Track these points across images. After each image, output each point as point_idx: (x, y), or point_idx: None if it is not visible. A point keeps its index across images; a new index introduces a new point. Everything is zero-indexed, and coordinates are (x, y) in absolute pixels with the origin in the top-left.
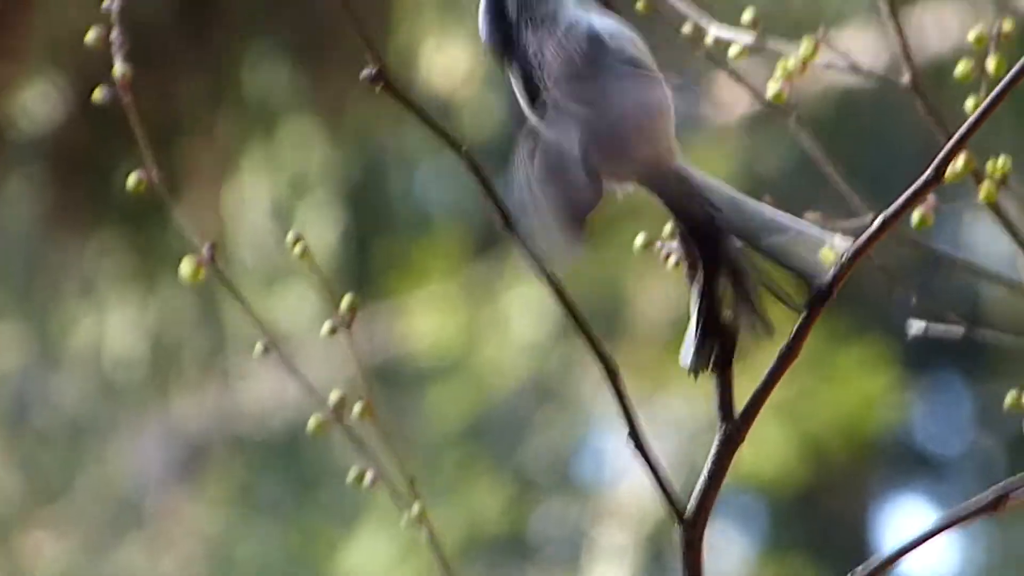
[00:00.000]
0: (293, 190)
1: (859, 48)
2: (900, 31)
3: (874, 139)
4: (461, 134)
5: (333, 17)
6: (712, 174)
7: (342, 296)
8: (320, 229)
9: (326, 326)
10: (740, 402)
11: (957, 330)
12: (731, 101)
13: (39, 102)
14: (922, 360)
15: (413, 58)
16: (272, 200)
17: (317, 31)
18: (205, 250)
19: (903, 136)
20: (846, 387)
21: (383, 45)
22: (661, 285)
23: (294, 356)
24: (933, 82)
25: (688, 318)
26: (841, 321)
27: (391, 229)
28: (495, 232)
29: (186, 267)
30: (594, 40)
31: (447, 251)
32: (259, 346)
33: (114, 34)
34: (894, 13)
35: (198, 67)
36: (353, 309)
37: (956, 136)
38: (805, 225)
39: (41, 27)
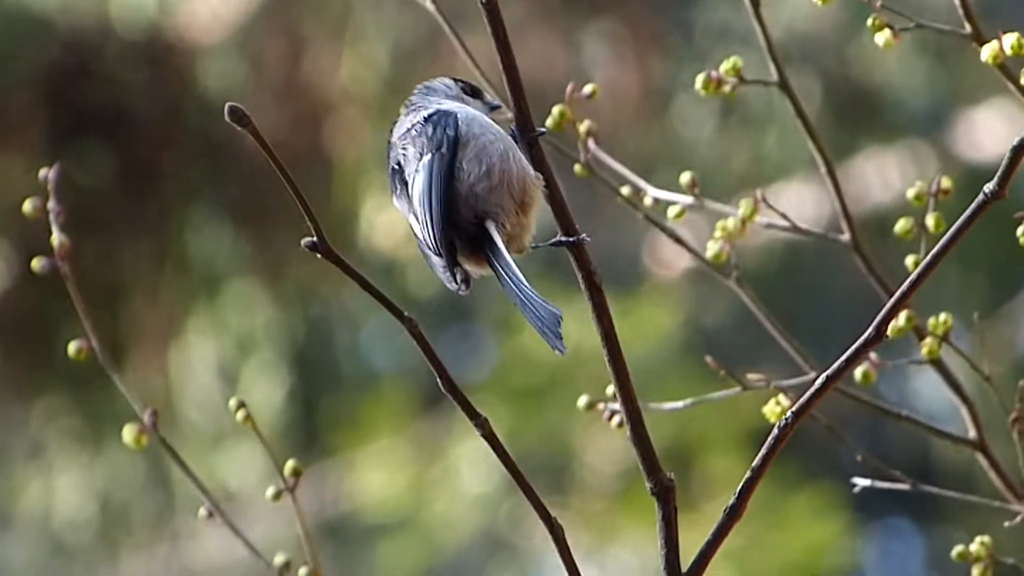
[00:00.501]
0: (238, 350)
1: (802, 200)
2: (839, 191)
3: (816, 288)
4: (404, 292)
5: (274, 180)
6: (657, 327)
7: (288, 457)
8: (266, 388)
9: (270, 491)
10: (687, 556)
11: (903, 486)
12: (673, 256)
13: None
14: (872, 506)
15: (354, 218)
16: (218, 360)
17: (258, 194)
18: (147, 417)
19: (845, 285)
20: (796, 534)
21: (325, 206)
22: (608, 438)
23: (243, 513)
24: (875, 232)
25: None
26: (789, 468)
27: (337, 387)
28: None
29: (128, 434)
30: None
31: (394, 407)
32: (202, 511)
33: (51, 204)
34: (831, 174)
35: (142, 231)
36: (297, 474)
37: (896, 295)
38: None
39: None
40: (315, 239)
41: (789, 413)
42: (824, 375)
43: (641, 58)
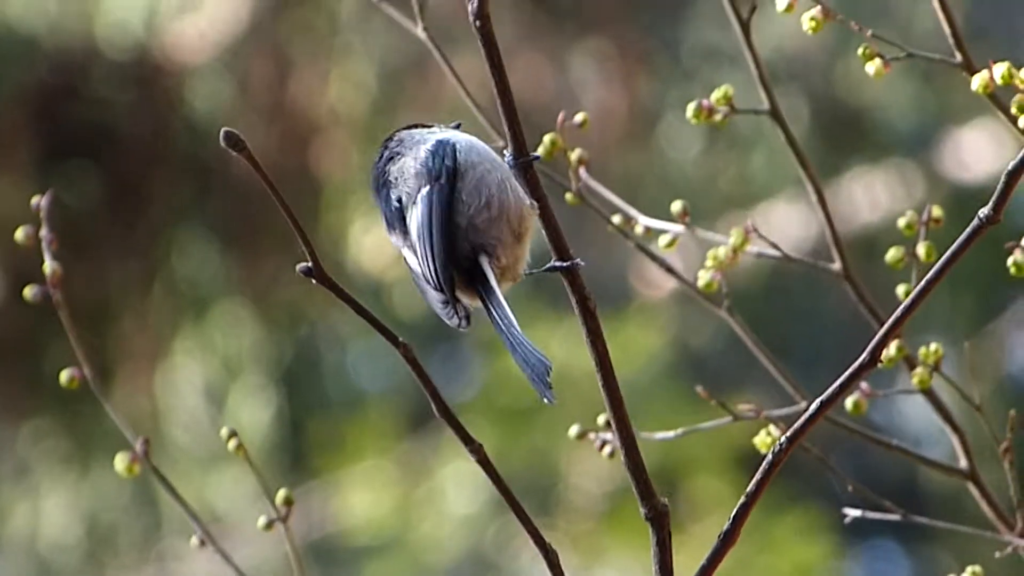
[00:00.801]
0: (226, 371)
1: (789, 220)
2: (830, 221)
3: (805, 309)
4: (391, 313)
5: (262, 202)
6: (645, 347)
7: (275, 478)
8: (253, 409)
9: (262, 520)
10: None
11: (894, 517)
12: (661, 276)
13: None
14: (859, 527)
15: (343, 239)
16: (205, 381)
17: (246, 215)
18: (139, 446)
19: (834, 306)
20: (784, 556)
21: (313, 227)
22: (595, 459)
23: (232, 533)
24: (863, 253)
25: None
26: (778, 490)
27: (324, 408)
28: (430, 408)
29: (120, 463)
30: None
31: (381, 428)
32: (194, 540)
33: (43, 231)
34: (822, 203)
35: (129, 251)
36: (289, 503)
37: (890, 321)
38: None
39: None
40: (310, 265)
41: (783, 439)
42: (818, 401)
43: (629, 78)
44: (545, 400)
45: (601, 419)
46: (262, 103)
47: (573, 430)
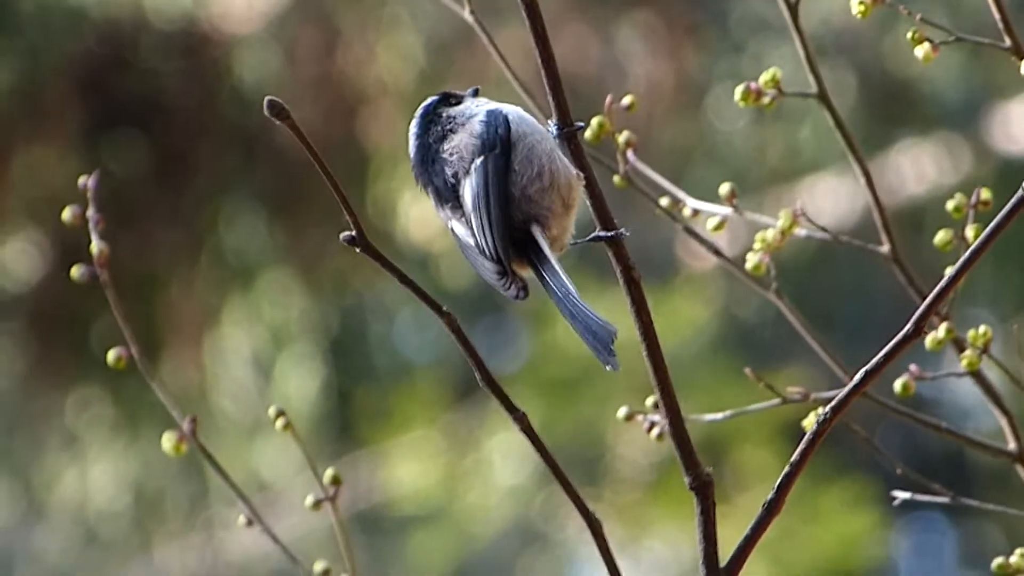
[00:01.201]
0: (273, 342)
1: (837, 194)
2: (879, 203)
3: (853, 283)
4: (438, 284)
5: (309, 172)
6: (691, 319)
7: (322, 448)
8: (301, 379)
9: (309, 499)
10: (725, 550)
11: (943, 499)
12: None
13: (19, 260)
14: (906, 500)
15: (391, 210)
16: (253, 351)
17: (293, 185)
18: (186, 425)
19: (881, 279)
20: (829, 527)
21: (360, 197)
22: (641, 430)
23: (278, 502)
24: (910, 225)
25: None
26: (823, 462)
27: (371, 378)
28: (476, 379)
29: (167, 442)
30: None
31: (428, 398)
32: (241, 519)
33: (90, 212)
34: (870, 185)
35: (177, 223)
36: (337, 482)
37: (933, 293)
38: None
39: (19, 186)
40: (354, 233)
41: (827, 409)
42: (862, 371)
43: (676, 50)
44: (608, 367)
45: (649, 401)
46: (309, 74)
47: (621, 412)
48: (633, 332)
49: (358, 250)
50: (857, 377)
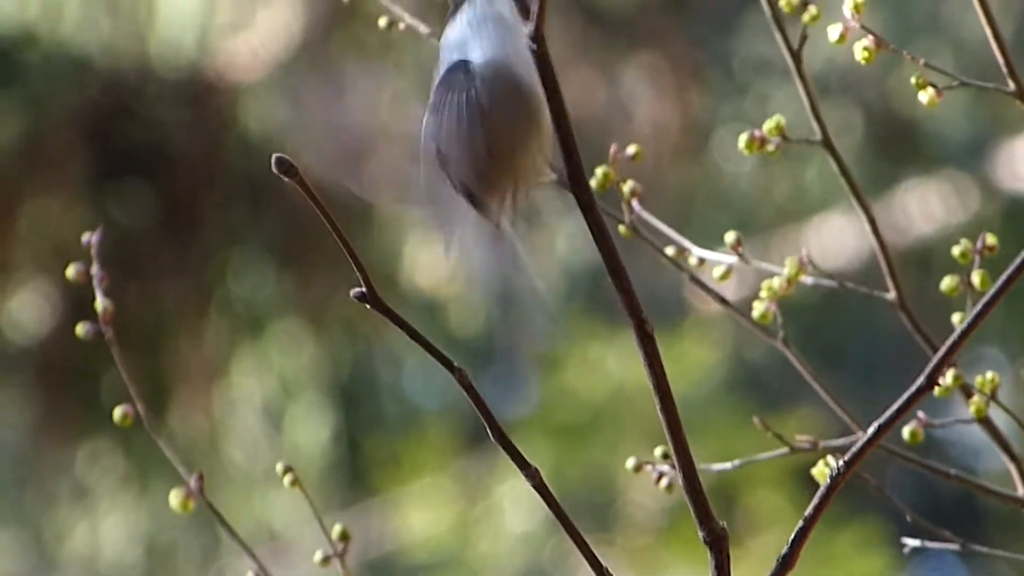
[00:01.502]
0: (283, 391)
1: (844, 234)
2: (884, 247)
3: (862, 321)
4: (446, 331)
5: (316, 220)
6: (700, 362)
7: (333, 496)
8: (311, 428)
9: (318, 555)
10: None
11: (953, 546)
12: (717, 289)
13: (26, 312)
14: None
15: (397, 255)
16: (262, 401)
17: (301, 234)
18: (193, 482)
19: (890, 318)
20: (842, 570)
21: (367, 244)
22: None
23: (290, 549)
24: (920, 263)
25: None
26: (835, 505)
27: (381, 425)
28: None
29: (174, 499)
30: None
31: (438, 445)
32: (250, 574)
33: (95, 269)
34: (875, 229)
35: (184, 272)
36: (345, 538)
37: (944, 348)
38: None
39: (26, 238)
40: (364, 290)
41: (841, 464)
42: (875, 426)
43: (681, 91)
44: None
45: (658, 451)
46: (315, 121)
47: (630, 462)
48: (644, 378)
49: (368, 306)
50: (870, 431)
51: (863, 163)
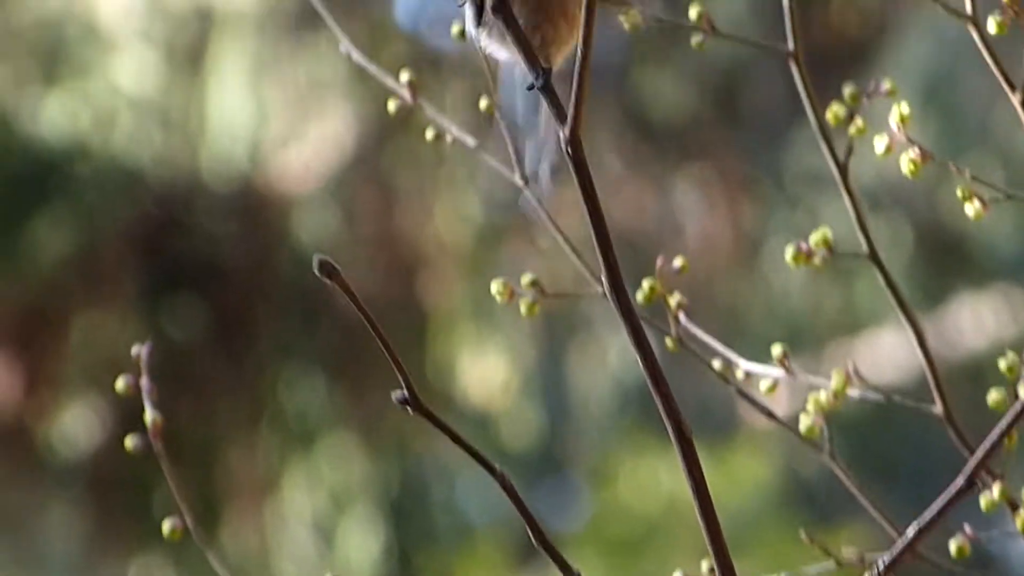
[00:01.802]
0: (334, 505)
1: (895, 347)
2: (930, 360)
3: (913, 432)
4: (498, 444)
5: (367, 333)
6: (752, 476)
7: None
8: (362, 542)
9: None
10: None
11: None
12: (767, 405)
13: (77, 427)
14: None
15: (450, 369)
16: (313, 515)
17: (352, 347)
18: None
19: (941, 430)
20: None
21: (420, 358)
22: None
23: None
24: (972, 378)
25: None
26: None
27: (433, 539)
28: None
29: None
30: None
31: (490, 560)
32: None
33: (143, 381)
34: (922, 344)
35: (236, 386)
36: None
37: (984, 446)
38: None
39: (78, 352)
40: (406, 394)
41: (881, 564)
42: (915, 526)
43: (732, 204)
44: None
45: (704, 566)
46: (367, 233)
47: None
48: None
49: (410, 411)
50: (909, 533)
51: (913, 276)
